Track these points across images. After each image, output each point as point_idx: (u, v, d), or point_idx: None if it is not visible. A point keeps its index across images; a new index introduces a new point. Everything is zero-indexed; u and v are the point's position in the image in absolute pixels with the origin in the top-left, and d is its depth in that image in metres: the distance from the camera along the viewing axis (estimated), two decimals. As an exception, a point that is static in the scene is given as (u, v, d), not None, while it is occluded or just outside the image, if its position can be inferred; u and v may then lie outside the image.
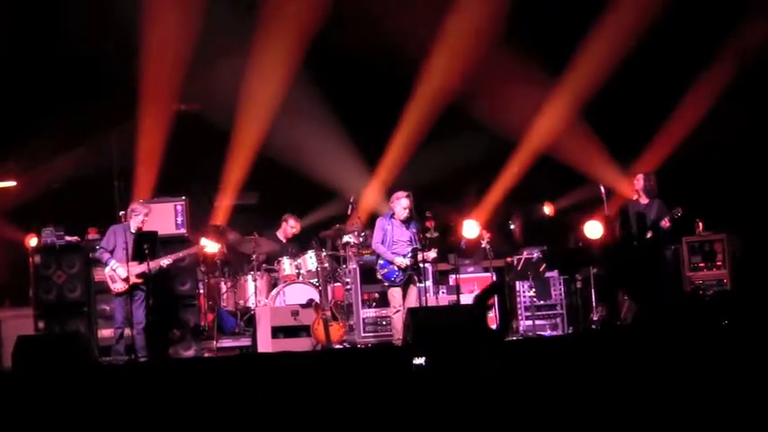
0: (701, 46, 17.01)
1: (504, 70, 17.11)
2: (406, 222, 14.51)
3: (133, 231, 14.05)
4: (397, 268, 14.34)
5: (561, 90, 17.77)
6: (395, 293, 14.46)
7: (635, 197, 15.73)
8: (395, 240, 14.46)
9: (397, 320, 14.35)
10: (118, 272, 13.92)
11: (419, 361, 9.90)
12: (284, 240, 17.04)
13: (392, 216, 14.54)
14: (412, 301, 14.41)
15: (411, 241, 14.47)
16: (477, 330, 12.57)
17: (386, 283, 14.61)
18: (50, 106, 17.26)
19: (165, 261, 14.17)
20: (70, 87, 17.18)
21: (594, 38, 17.22)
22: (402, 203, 14.44)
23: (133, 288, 13.95)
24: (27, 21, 16.55)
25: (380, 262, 14.56)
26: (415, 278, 14.49)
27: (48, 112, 17.29)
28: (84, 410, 8.90)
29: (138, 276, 13.89)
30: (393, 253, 14.37)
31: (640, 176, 15.57)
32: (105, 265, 14.11)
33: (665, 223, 15.06)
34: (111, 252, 14.05)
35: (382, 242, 14.47)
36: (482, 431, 8.10)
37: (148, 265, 13.81)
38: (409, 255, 14.37)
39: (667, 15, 16.55)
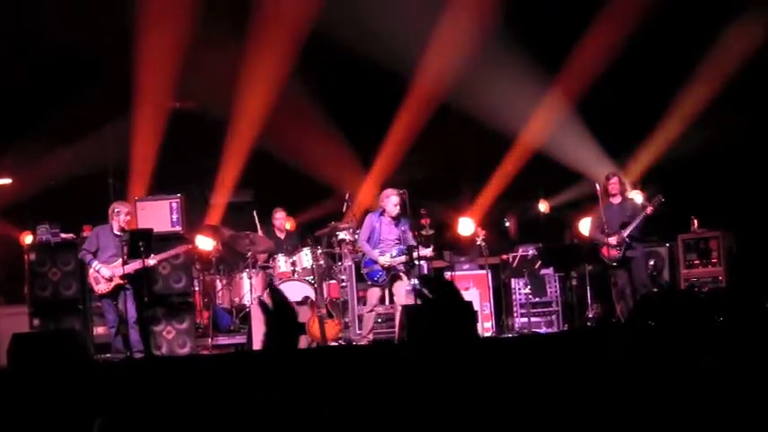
0: (697, 43, 17.02)
1: (499, 68, 17.12)
2: (396, 220, 14.53)
3: (116, 232, 14.04)
4: (380, 268, 14.37)
5: (556, 87, 17.79)
6: (372, 293, 14.57)
7: (611, 198, 15.59)
8: (381, 239, 14.48)
9: (368, 319, 14.53)
10: (101, 272, 13.93)
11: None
12: (282, 236, 17.05)
13: (382, 214, 14.56)
14: (402, 298, 14.44)
15: (399, 240, 14.50)
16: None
17: (368, 282, 14.69)
18: (46, 104, 17.26)
19: (151, 261, 14.13)
20: (65, 85, 17.18)
21: (590, 35, 17.24)
22: (392, 201, 14.44)
23: (118, 288, 13.95)
24: (22, 18, 16.53)
25: (365, 260, 14.66)
26: (401, 275, 14.51)
27: (43, 109, 17.29)
28: (80, 408, 8.90)
29: (121, 278, 13.88)
30: (378, 251, 14.43)
31: (616, 179, 15.44)
32: (88, 266, 14.12)
33: (650, 210, 14.96)
34: (95, 254, 14.06)
35: (368, 240, 14.51)
36: (477, 429, 8.10)
37: (144, 262, 13.82)
38: (392, 254, 14.36)
39: (663, 12, 16.55)
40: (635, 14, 16.67)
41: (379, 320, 15.58)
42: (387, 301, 15.47)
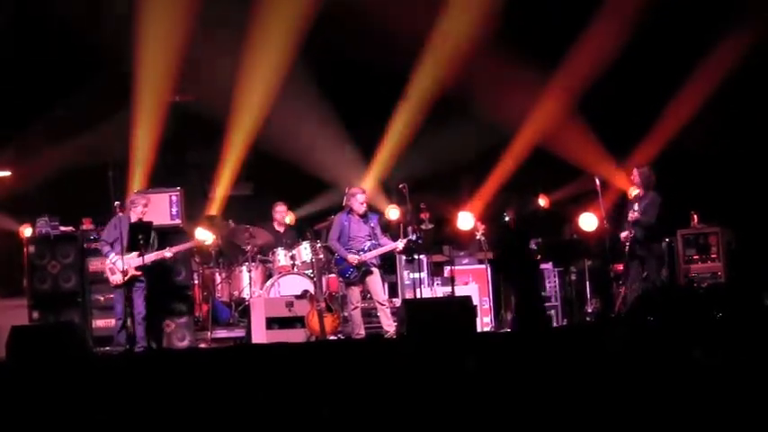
0: (697, 40, 17.01)
1: (500, 62, 17.10)
2: (364, 217, 14.72)
3: (134, 223, 14.08)
4: (350, 265, 14.52)
5: (556, 82, 17.77)
6: (351, 291, 14.80)
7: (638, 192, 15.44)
8: (352, 236, 14.75)
9: (356, 317, 14.72)
10: (117, 264, 13.94)
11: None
12: (281, 230, 17.05)
13: (349, 212, 14.73)
14: (378, 292, 14.76)
15: (370, 236, 14.74)
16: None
17: (340, 280, 15.02)
18: (46, 96, 17.24)
19: (168, 253, 14.20)
20: (65, 77, 17.17)
21: (590, 30, 17.22)
22: (358, 199, 14.78)
23: (132, 280, 13.96)
24: (23, 10, 16.52)
25: (336, 257, 14.88)
26: (372, 270, 14.70)
27: (43, 102, 17.28)
28: (79, 401, 8.91)
29: (137, 269, 13.91)
30: (348, 249, 14.63)
31: (635, 171, 15.31)
32: (105, 257, 14.14)
33: (632, 215, 14.80)
34: (112, 244, 14.07)
35: (338, 239, 14.71)
36: (476, 423, 8.11)
37: (143, 255, 13.82)
38: (365, 247, 14.59)
39: (664, 9, 16.54)
40: (635, 11, 16.65)
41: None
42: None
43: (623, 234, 14.97)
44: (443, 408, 8.30)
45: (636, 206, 14.83)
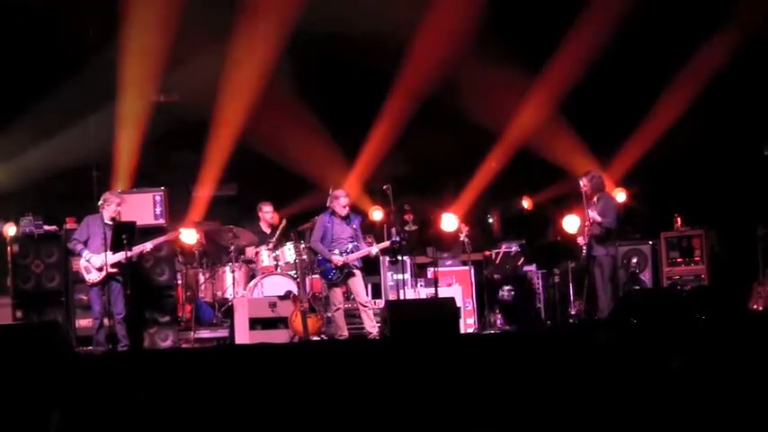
0: (680, 44, 17.05)
1: (484, 64, 17.12)
2: (347, 219, 14.85)
3: (107, 221, 14.02)
4: (332, 266, 14.65)
5: (541, 84, 17.79)
6: (334, 292, 14.87)
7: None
8: (335, 238, 14.85)
9: (339, 318, 14.78)
10: (92, 262, 13.90)
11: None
12: (268, 231, 16.99)
13: (332, 214, 14.82)
14: (361, 293, 14.86)
15: (353, 238, 14.85)
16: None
17: (323, 281, 15.11)
18: (29, 96, 17.20)
19: (148, 246, 14.17)
20: (49, 76, 17.12)
21: (574, 32, 17.25)
22: (341, 202, 14.86)
23: (108, 278, 13.91)
24: (4, 10, 16.48)
25: (319, 258, 14.99)
26: (355, 272, 14.79)
27: (26, 101, 17.23)
28: (61, 400, 8.89)
29: (112, 266, 13.86)
30: (330, 250, 14.72)
31: (583, 180, 14.90)
32: (79, 256, 14.10)
33: (593, 213, 14.69)
34: (85, 243, 14.03)
35: (321, 240, 14.79)
36: (459, 425, 8.12)
37: (127, 255, 13.79)
38: (345, 250, 14.63)
39: (647, 11, 16.58)
40: (620, 14, 16.68)
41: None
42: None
43: (581, 239, 14.85)
44: (426, 408, 8.31)
45: (596, 210, 14.68)
